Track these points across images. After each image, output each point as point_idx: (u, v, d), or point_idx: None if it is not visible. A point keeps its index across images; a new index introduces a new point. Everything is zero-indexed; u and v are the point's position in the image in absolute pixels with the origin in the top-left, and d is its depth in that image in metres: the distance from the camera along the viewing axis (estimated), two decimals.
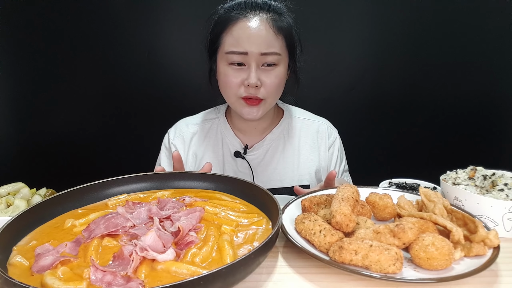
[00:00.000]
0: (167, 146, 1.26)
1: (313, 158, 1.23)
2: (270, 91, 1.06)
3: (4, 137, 1.99)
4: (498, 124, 1.96)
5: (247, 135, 1.22)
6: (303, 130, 1.25)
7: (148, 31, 1.87)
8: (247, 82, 1.03)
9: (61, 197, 0.75)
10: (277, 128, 1.23)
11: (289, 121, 1.25)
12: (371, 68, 1.92)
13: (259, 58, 1.02)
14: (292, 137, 1.24)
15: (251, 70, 1.02)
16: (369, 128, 1.99)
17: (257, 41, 1.01)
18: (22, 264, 0.57)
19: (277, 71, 1.06)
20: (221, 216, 0.71)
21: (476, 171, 0.81)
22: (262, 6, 1.05)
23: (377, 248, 0.54)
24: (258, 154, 1.21)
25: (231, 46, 1.02)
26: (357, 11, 1.86)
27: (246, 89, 1.04)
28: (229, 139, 1.22)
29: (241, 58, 1.02)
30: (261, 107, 1.09)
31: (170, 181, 0.87)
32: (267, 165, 1.21)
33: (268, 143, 1.21)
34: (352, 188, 0.70)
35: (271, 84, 1.05)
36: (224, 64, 1.05)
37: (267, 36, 1.02)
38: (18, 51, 1.88)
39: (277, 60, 1.05)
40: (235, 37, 1.02)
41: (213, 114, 1.28)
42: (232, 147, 1.21)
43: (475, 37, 1.85)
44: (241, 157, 1.20)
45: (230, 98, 1.10)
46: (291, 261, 0.64)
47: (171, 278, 0.52)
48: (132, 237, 0.63)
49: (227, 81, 1.06)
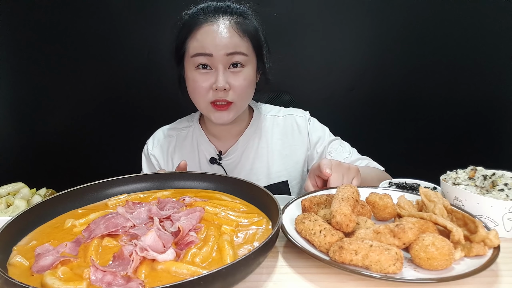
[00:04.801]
0: (147, 157, 1.27)
1: (288, 153, 1.22)
2: (240, 94, 1.06)
3: (4, 137, 1.99)
4: (498, 124, 1.96)
5: (222, 139, 1.22)
6: (274, 127, 1.25)
7: (148, 31, 1.87)
8: (215, 86, 1.02)
9: (61, 197, 0.75)
10: (249, 129, 1.22)
11: (259, 120, 1.25)
12: (371, 68, 1.92)
13: (225, 60, 1.02)
14: (265, 136, 1.23)
15: (218, 73, 1.02)
16: (369, 128, 1.99)
17: (222, 42, 1.01)
18: (22, 264, 0.57)
19: (245, 72, 1.06)
20: (221, 216, 0.71)
21: (476, 171, 0.80)
22: (225, 10, 1.05)
23: (377, 248, 0.54)
24: (233, 158, 1.21)
25: (196, 49, 1.03)
26: (357, 11, 1.86)
27: (214, 93, 1.04)
28: (204, 146, 1.22)
29: (207, 60, 1.02)
30: (231, 110, 1.08)
31: (170, 181, 0.87)
32: (243, 167, 1.21)
33: (242, 146, 1.21)
34: (352, 188, 0.70)
35: (239, 86, 1.05)
36: (192, 69, 1.05)
37: (232, 37, 1.02)
38: (18, 51, 1.88)
39: (244, 61, 1.05)
40: (199, 41, 1.02)
41: (188, 121, 1.29)
42: (207, 154, 1.22)
43: (475, 37, 1.85)
44: (217, 163, 1.20)
45: (200, 104, 1.09)
46: (291, 261, 0.64)
47: (171, 278, 0.52)
48: (132, 237, 0.62)
49: (195, 87, 1.05)
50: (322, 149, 1.22)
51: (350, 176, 0.85)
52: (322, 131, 1.25)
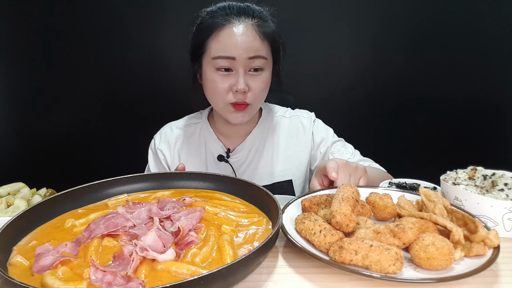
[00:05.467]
0: (154, 151, 1.27)
1: (292, 153, 1.24)
2: (257, 96, 1.07)
3: (4, 137, 1.99)
4: (498, 124, 1.96)
5: (230, 138, 1.23)
6: (280, 128, 1.26)
7: (148, 31, 1.87)
8: (236, 88, 1.02)
9: (61, 197, 0.75)
10: (257, 129, 1.24)
11: (267, 120, 1.26)
12: (371, 68, 1.92)
13: (246, 63, 1.02)
14: (271, 136, 1.25)
15: (239, 76, 1.02)
16: (369, 128, 1.99)
17: (244, 46, 1.01)
18: (22, 264, 0.57)
19: (263, 75, 1.06)
20: (221, 216, 0.71)
21: (476, 171, 0.80)
22: (246, 11, 1.04)
23: (377, 248, 0.54)
24: (240, 156, 1.22)
25: (218, 51, 1.02)
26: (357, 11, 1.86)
27: (234, 95, 1.04)
28: (212, 144, 1.22)
29: (228, 63, 1.02)
30: (247, 111, 1.09)
31: (170, 181, 0.87)
32: (249, 166, 1.22)
33: (249, 144, 1.22)
34: (352, 188, 0.70)
35: (257, 88, 1.05)
36: (211, 70, 1.04)
37: (253, 41, 1.02)
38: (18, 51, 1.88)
39: (263, 64, 1.05)
40: (221, 43, 1.01)
41: (196, 118, 1.29)
42: (215, 151, 1.22)
43: (475, 37, 1.85)
44: (224, 161, 1.20)
45: (217, 104, 1.09)
46: (291, 261, 0.64)
47: (171, 278, 0.52)
48: (132, 237, 0.63)
49: (215, 87, 1.05)
50: (325, 150, 1.23)
51: (357, 176, 0.85)
52: (326, 132, 1.26)
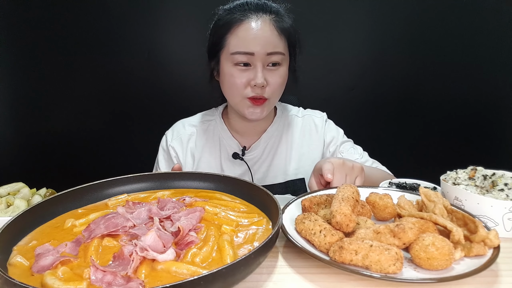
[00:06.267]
0: (165, 149, 1.26)
1: (305, 152, 1.24)
2: (275, 91, 1.08)
3: (4, 137, 1.99)
4: (498, 124, 1.96)
5: (245, 136, 1.23)
6: (294, 127, 1.27)
7: (148, 31, 1.87)
8: (254, 82, 1.04)
9: (61, 197, 0.75)
10: (272, 127, 1.24)
11: (282, 119, 1.27)
12: (371, 68, 1.92)
13: (264, 58, 1.04)
14: (285, 134, 1.25)
15: (257, 70, 1.03)
16: (369, 128, 1.99)
17: (263, 41, 1.02)
18: (22, 264, 0.57)
19: (281, 70, 1.08)
20: (221, 216, 0.71)
21: (476, 171, 0.80)
22: (264, 7, 1.06)
23: (377, 248, 0.54)
24: (255, 154, 1.22)
25: (237, 46, 1.03)
26: (357, 11, 1.86)
27: (252, 89, 1.05)
28: (227, 141, 1.23)
29: (247, 58, 1.03)
30: (265, 106, 1.10)
31: (170, 181, 0.87)
32: (263, 164, 1.23)
33: (264, 142, 1.23)
34: (352, 188, 0.70)
35: (275, 83, 1.07)
36: (229, 65, 1.06)
37: (271, 36, 1.03)
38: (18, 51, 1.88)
39: (281, 60, 1.07)
40: (240, 38, 1.03)
41: (210, 115, 1.29)
42: (230, 149, 1.22)
43: (475, 37, 1.85)
44: (239, 158, 1.21)
45: (235, 98, 1.10)
46: (291, 261, 0.64)
47: (171, 278, 0.52)
48: (132, 237, 0.62)
49: (233, 82, 1.06)
50: (334, 149, 1.24)
51: (353, 176, 0.86)
52: (336, 132, 1.28)
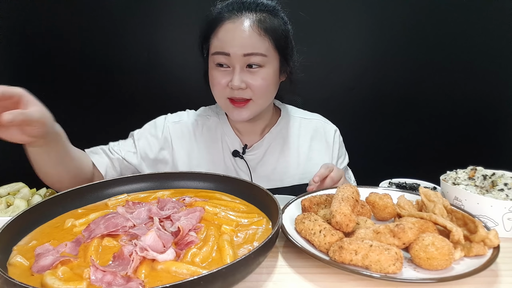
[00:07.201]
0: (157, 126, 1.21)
1: (313, 157, 1.23)
2: (258, 93, 1.05)
3: None
4: (498, 124, 1.95)
5: (245, 135, 1.22)
6: (302, 129, 1.25)
7: (148, 31, 1.87)
8: (231, 84, 1.03)
9: (61, 197, 0.75)
10: (275, 128, 1.23)
11: (286, 121, 1.25)
12: (371, 68, 1.92)
13: (242, 60, 1.01)
14: (291, 136, 1.24)
15: (234, 73, 1.02)
16: (369, 128, 1.99)
17: (240, 42, 0.99)
18: (22, 264, 0.57)
19: (263, 72, 1.04)
20: (221, 216, 0.71)
21: (476, 171, 0.81)
22: (249, 6, 1.03)
23: (377, 248, 0.54)
24: (257, 154, 1.21)
25: (216, 47, 1.03)
26: (357, 11, 1.86)
27: (231, 91, 1.05)
28: (229, 138, 1.21)
29: (225, 59, 1.02)
30: (249, 107, 1.07)
31: (170, 181, 0.87)
32: (266, 165, 1.21)
33: (267, 143, 1.21)
34: (352, 188, 0.70)
35: (257, 85, 1.04)
36: (212, 65, 1.06)
37: (250, 37, 1.00)
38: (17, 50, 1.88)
39: (262, 62, 1.03)
40: (220, 39, 1.02)
41: (212, 110, 1.27)
42: (231, 146, 1.21)
43: (475, 37, 1.85)
44: (239, 156, 1.19)
45: (218, 99, 1.10)
46: (291, 261, 0.64)
47: (171, 278, 0.52)
48: (132, 237, 0.63)
49: (214, 83, 1.07)
50: None
51: None
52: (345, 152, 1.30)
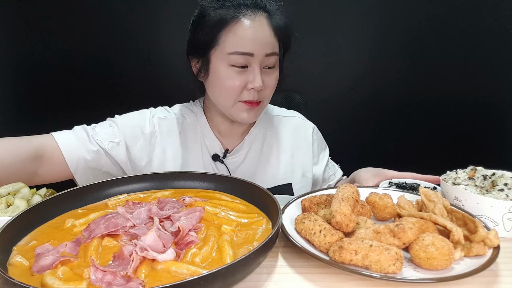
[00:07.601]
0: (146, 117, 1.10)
1: (294, 154, 1.20)
2: (269, 93, 1.04)
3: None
4: (498, 124, 1.96)
5: (226, 137, 1.14)
6: (280, 127, 1.22)
7: (148, 31, 1.87)
8: (252, 86, 0.96)
9: (61, 197, 0.75)
10: (254, 128, 1.16)
11: (265, 120, 1.21)
12: (371, 68, 1.92)
13: (262, 60, 0.97)
14: (271, 136, 1.19)
15: (255, 73, 0.96)
16: (369, 128, 1.99)
17: (262, 41, 0.96)
18: (22, 264, 0.57)
19: (275, 72, 1.03)
20: (221, 216, 0.71)
21: (476, 171, 0.81)
22: (259, 5, 0.98)
23: (377, 248, 0.54)
24: (238, 157, 1.14)
25: (235, 46, 0.95)
26: (357, 11, 1.86)
27: (248, 93, 0.98)
28: (209, 140, 1.12)
29: (245, 59, 0.96)
30: (259, 109, 1.05)
31: (170, 181, 0.87)
32: (248, 168, 1.15)
33: (247, 145, 1.15)
34: (352, 188, 0.70)
35: (271, 86, 1.02)
36: (225, 65, 0.97)
37: (270, 36, 0.98)
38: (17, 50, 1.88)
39: (276, 61, 1.02)
40: (239, 37, 0.94)
41: (190, 109, 1.16)
42: (211, 150, 1.12)
43: (475, 37, 1.85)
44: (219, 161, 1.12)
45: (228, 102, 1.01)
46: (291, 261, 0.64)
47: (171, 278, 0.52)
48: (132, 237, 0.62)
49: (229, 85, 0.97)
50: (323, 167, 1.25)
51: None
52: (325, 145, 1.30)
